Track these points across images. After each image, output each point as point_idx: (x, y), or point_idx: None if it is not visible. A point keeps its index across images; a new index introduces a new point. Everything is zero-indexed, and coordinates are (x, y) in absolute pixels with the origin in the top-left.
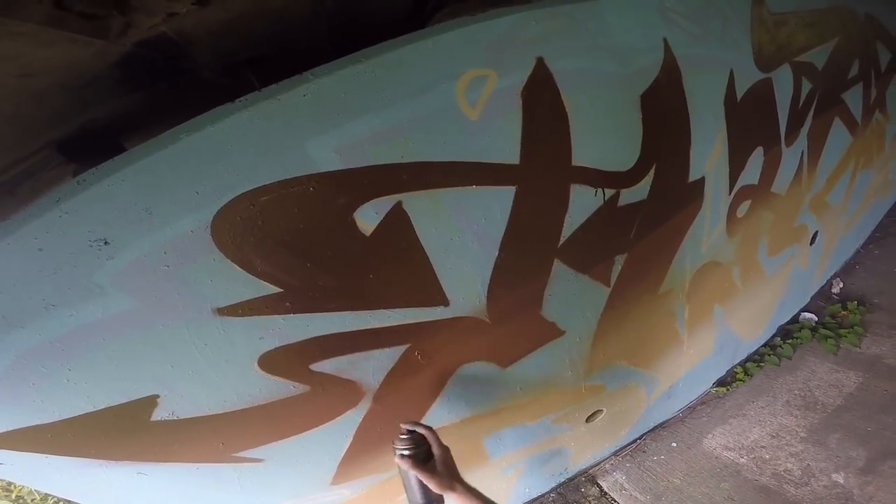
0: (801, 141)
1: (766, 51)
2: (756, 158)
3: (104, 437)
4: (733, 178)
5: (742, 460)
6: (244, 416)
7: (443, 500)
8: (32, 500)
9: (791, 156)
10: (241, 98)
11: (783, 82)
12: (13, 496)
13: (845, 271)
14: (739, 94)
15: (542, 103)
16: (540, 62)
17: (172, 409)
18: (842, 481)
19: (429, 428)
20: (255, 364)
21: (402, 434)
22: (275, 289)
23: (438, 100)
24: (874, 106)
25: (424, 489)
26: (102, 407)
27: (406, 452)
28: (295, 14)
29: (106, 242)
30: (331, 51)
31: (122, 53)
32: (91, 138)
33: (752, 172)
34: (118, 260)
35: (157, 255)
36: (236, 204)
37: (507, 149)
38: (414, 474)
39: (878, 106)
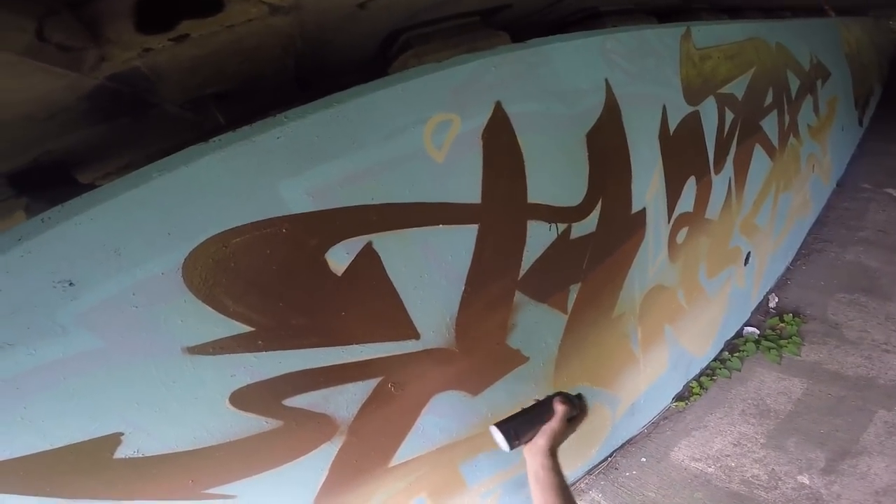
0: (728, 168)
1: (693, 85)
2: (690, 187)
3: (62, 475)
4: (671, 207)
5: (710, 470)
6: (215, 453)
7: (520, 446)
8: None
9: (720, 183)
10: (215, 138)
11: (709, 114)
12: None
13: (779, 287)
14: (672, 128)
15: (501, 145)
16: (498, 106)
17: (138, 446)
18: (808, 482)
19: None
20: (227, 401)
21: (578, 394)
22: (247, 328)
23: (407, 143)
24: (789, 131)
25: (530, 430)
26: (60, 445)
27: (570, 402)
28: (266, 52)
29: (71, 283)
30: (296, 87)
31: (93, 86)
32: (44, 170)
33: (687, 201)
34: (83, 300)
35: (125, 296)
36: (208, 245)
37: (469, 189)
38: (552, 417)
39: (792, 131)
